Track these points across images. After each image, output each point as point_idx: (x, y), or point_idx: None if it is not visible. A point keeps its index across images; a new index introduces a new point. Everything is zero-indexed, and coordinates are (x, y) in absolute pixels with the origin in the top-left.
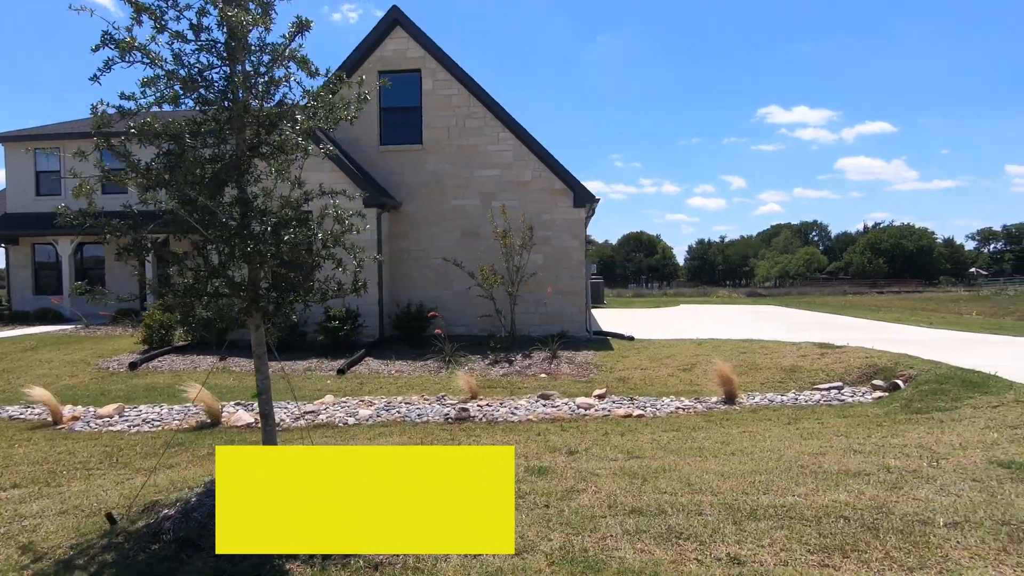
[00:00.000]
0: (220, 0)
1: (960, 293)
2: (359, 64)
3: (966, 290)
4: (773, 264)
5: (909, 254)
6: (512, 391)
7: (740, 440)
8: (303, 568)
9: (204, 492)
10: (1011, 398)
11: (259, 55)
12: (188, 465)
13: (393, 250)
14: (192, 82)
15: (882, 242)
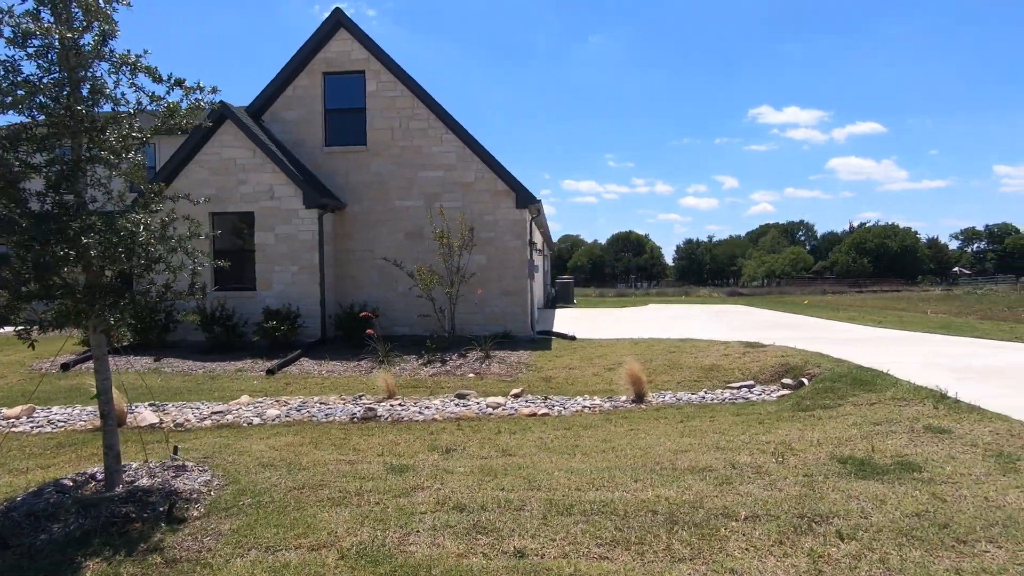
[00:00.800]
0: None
1: (935, 292)
2: (303, 65)
3: (942, 289)
4: (760, 264)
5: (893, 254)
6: (433, 391)
7: (621, 438)
8: (99, 565)
9: (34, 492)
10: (889, 396)
11: (95, 62)
12: (64, 465)
13: (339, 251)
14: (29, 87)
15: (867, 242)
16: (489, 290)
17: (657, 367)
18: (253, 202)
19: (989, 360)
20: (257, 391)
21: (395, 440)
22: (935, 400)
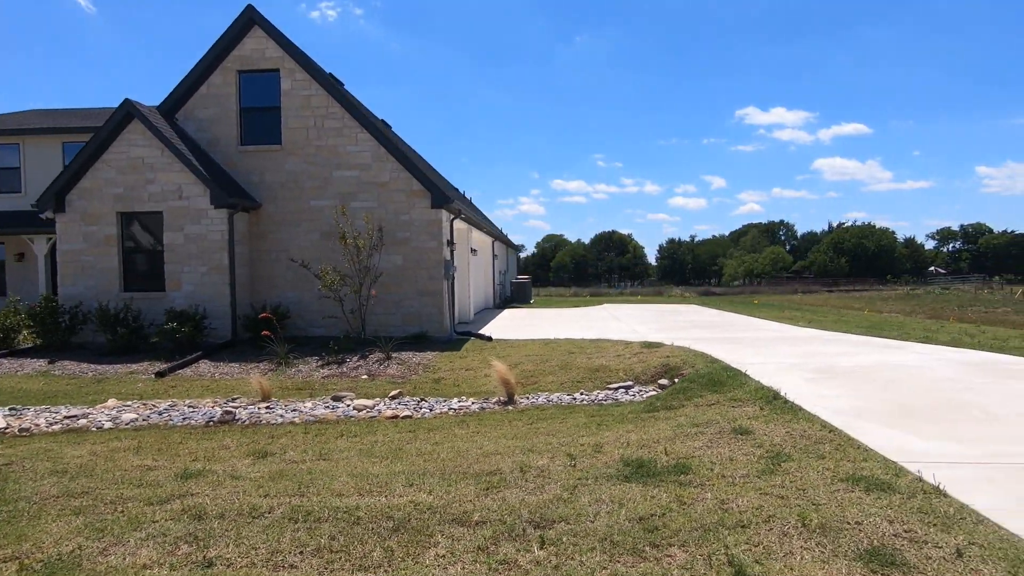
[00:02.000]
0: None
1: (896, 292)
2: (217, 63)
3: (908, 289)
4: (740, 263)
5: (871, 253)
6: (315, 393)
7: (453, 441)
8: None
9: None
10: (729, 397)
11: None
12: None
13: (254, 251)
14: None
15: (845, 242)
16: (405, 290)
17: (550, 367)
18: (162, 201)
19: (858, 360)
20: (134, 395)
21: (226, 444)
22: (766, 401)
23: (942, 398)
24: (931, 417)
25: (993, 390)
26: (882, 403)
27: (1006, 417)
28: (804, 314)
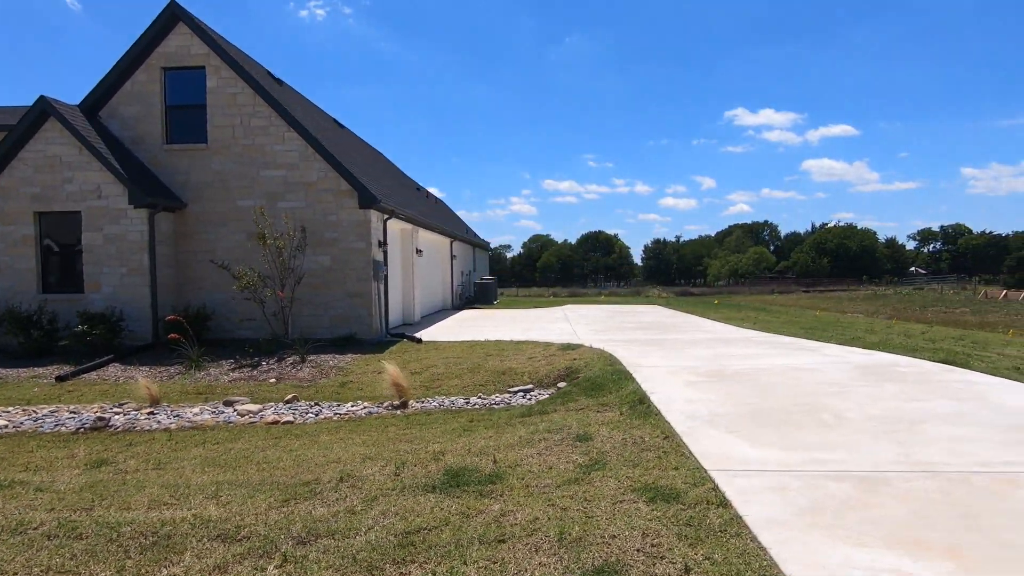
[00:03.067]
0: None
1: (869, 291)
2: (141, 60)
3: (877, 289)
4: (724, 264)
5: (852, 254)
6: (211, 397)
7: (306, 448)
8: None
9: None
10: (599, 401)
11: None
12: None
13: (180, 251)
14: None
15: (827, 242)
16: (333, 292)
17: (460, 370)
18: (80, 201)
19: (758, 363)
20: (25, 399)
21: (74, 453)
22: (630, 406)
23: (807, 402)
24: (781, 422)
25: (864, 393)
26: (745, 408)
27: (853, 421)
28: (760, 315)
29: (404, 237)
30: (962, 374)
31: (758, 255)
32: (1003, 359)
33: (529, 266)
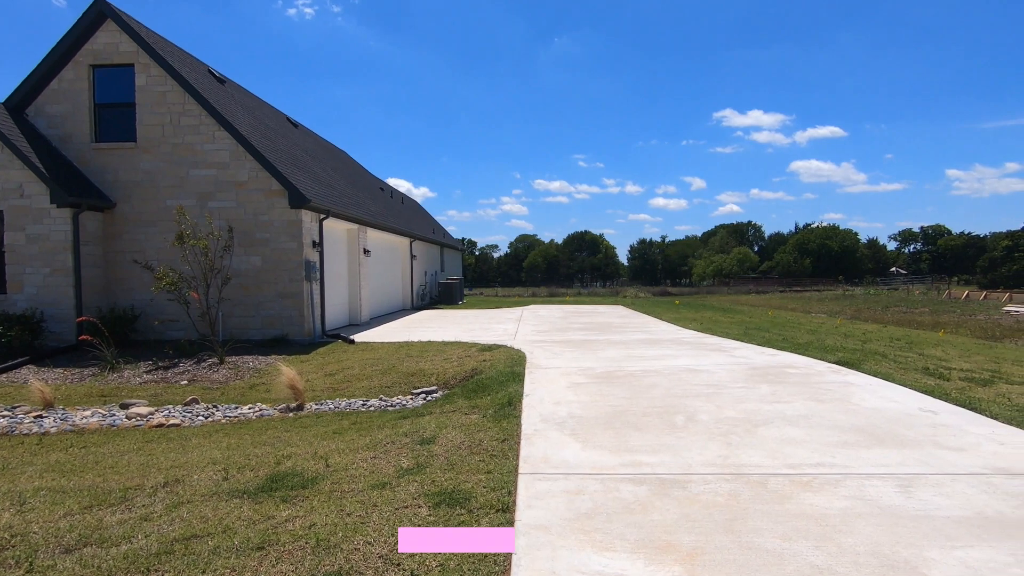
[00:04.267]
0: None
1: (837, 292)
2: (69, 57)
3: (851, 289)
4: (708, 263)
5: (834, 254)
6: (112, 399)
7: (167, 453)
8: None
9: None
10: (472, 403)
11: None
12: None
13: (109, 252)
14: None
15: (809, 243)
16: (265, 293)
17: (373, 372)
18: (2, 200)
19: (658, 364)
20: None
21: None
22: (497, 409)
23: (672, 404)
24: (630, 424)
25: (735, 395)
26: (608, 409)
27: (702, 423)
28: (716, 315)
29: (350, 237)
30: (845, 375)
31: (741, 255)
32: (920, 359)
33: (515, 266)
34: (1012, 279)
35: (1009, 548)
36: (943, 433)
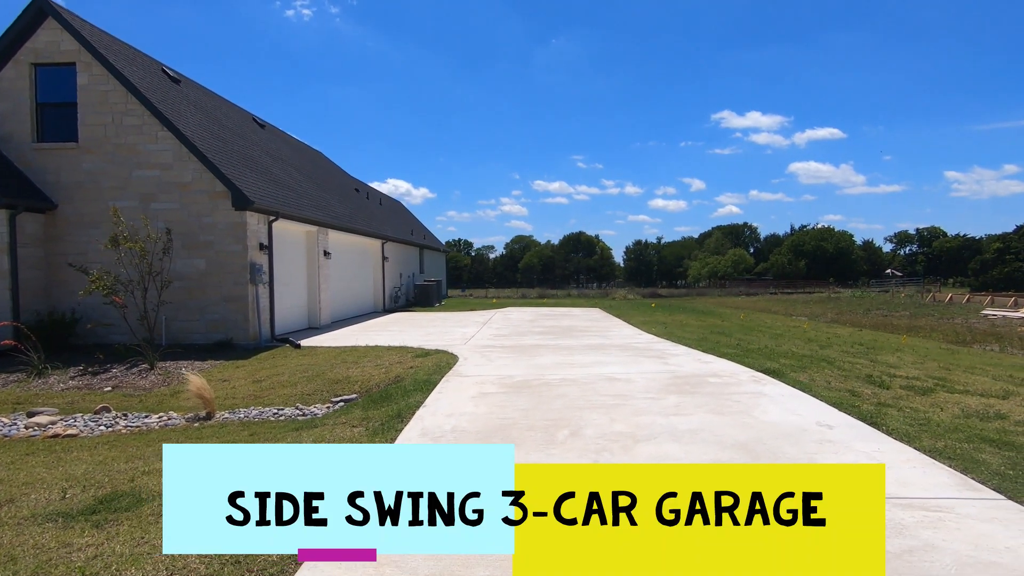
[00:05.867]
0: None
1: (822, 294)
2: (9, 55)
3: (838, 291)
4: (704, 265)
5: (829, 256)
6: (23, 406)
7: (26, 467)
8: None
9: None
10: (365, 415)
11: None
12: None
13: (50, 254)
14: None
15: (804, 244)
16: (209, 296)
17: (301, 378)
18: None
19: (580, 372)
20: None
21: None
22: (385, 421)
23: (568, 416)
24: (511, 439)
25: (637, 407)
26: (497, 422)
27: (583, 438)
28: (685, 318)
29: (309, 239)
30: (763, 386)
31: (737, 257)
32: (870, 365)
33: (511, 267)
34: (1003, 282)
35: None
36: (825, 450)
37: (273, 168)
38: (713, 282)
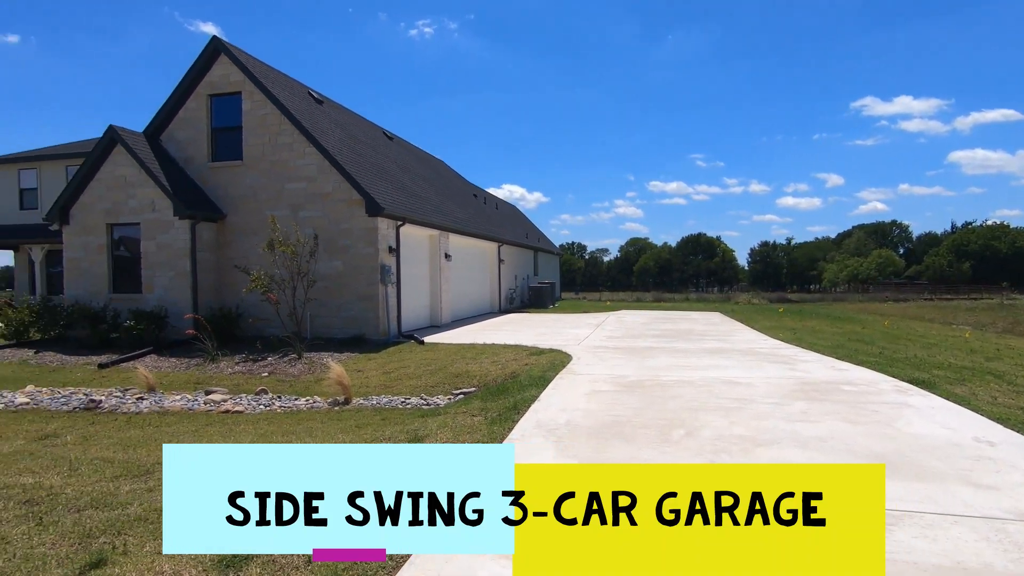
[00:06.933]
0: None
1: (996, 301)
2: (192, 88)
3: (1013, 298)
4: (842, 268)
5: (1001, 257)
6: (201, 386)
7: (187, 436)
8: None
9: None
10: (483, 406)
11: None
12: None
13: (220, 258)
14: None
15: (969, 243)
16: (345, 295)
17: (425, 371)
18: (139, 214)
19: (693, 375)
20: (64, 383)
21: (39, 428)
22: (501, 412)
23: (682, 418)
24: (624, 435)
25: (759, 411)
26: (611, 418)
27: (700, 439)
28: (822, 324)
29: (432, 242)
30: (909, 396)
31: (883, 258)
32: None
33: (626, 270)
34: None
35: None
36: (982, 468)
37: (400, 177)
38: (853, 286)
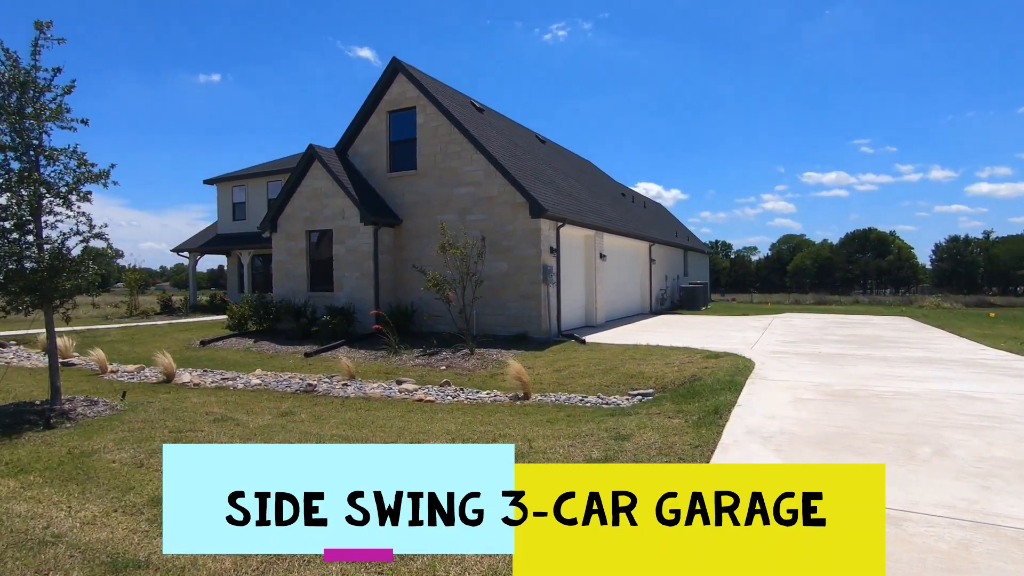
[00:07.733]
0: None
1: None
2: (373, 107)
3: None
4: None
5: None
6: (391, 375)
7: (398, 419)
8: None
9: (15, 403)
10: (679, 408)
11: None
12: (109, 393)
13: (397, 259)
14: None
15: None
16: (509, 294)
17: (594, 371)
18: (332, 221)
19: (912, 387)
20: (282, 368)
21: (277, 406)
22: (702, 416)
23: (919, 433)
24: (852, 448)
25: (1012, 430)
26: (830, 430)
27: (954, 459)
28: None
29: (587, 243)
30: None
31: None
32: None
33: (778, 270)
34: None
35: None
36: None
37: (556, 179)
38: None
